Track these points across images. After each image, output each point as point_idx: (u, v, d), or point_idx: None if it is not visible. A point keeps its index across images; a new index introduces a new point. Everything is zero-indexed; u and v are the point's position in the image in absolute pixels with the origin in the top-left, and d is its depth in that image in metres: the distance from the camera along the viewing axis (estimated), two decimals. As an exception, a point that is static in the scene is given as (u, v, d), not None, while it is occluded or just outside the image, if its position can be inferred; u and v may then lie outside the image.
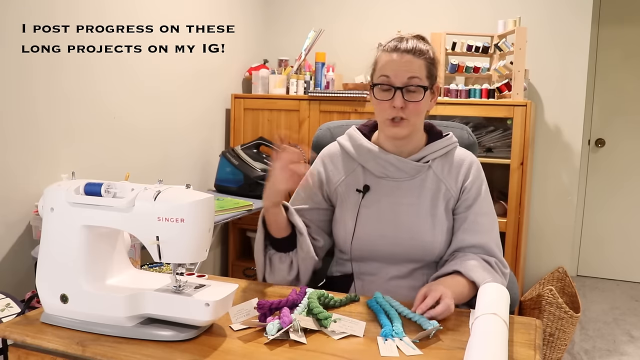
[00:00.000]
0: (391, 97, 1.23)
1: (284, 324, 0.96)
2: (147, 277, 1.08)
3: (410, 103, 1.24)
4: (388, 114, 1.25)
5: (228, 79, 3.01)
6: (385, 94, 1.25)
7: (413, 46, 1.24)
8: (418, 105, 1.25)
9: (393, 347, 0.93)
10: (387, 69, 1.24)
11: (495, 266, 1.26)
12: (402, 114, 1.24)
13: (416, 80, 1.23)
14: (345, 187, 1.36)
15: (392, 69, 1.23)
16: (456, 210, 1.33)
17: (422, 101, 1.25)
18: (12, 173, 1.79)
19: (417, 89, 1.24)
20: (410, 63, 1.23)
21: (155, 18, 2.36)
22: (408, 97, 1.23)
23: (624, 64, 3.57)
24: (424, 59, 1.25)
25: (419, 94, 1.24)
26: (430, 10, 2.98)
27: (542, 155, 2.90)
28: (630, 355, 2.57)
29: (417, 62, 1.24)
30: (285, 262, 1.30)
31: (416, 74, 1.23)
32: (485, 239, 1.28)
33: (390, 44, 1.27)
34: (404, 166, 1.31)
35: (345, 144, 1.39)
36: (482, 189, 1.33)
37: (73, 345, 0.94)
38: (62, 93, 1.95)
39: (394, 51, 1.24)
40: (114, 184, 1.00)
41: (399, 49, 1.24)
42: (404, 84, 1.23)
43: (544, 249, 2.96)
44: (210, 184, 2.85)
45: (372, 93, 1.29)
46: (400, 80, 1.23)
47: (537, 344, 0.97)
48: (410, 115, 1.25)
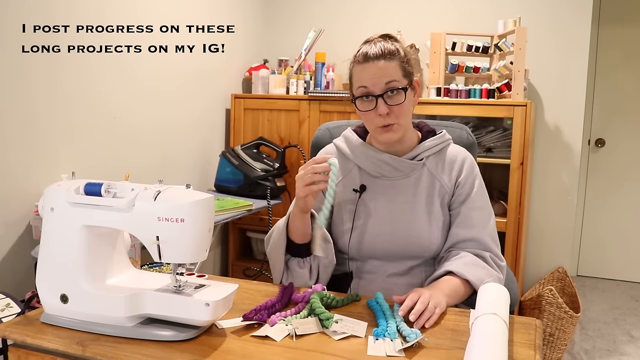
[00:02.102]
0: (374, 107, 1.25)
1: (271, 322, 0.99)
2: (147, 277, 1.08)
3: (394, 107, 1.24)
4: (376, 123, 1.26)
5: (228, 79, 3.01)
6: (368, 104, 1.26)
7: (382, 50, 1.24)
8: (402, 108, 1.26)
9: (381, 348, 0.93)
10: (363, 80, 1.25)
11: (490, 260, 1.27)
12: (389, 120, 1.25)
13: (394, 83, 1.24)
14: (342, 188, 1.37)
15: (368, 78, 1.24)
16: (451, 206, 1.34)
17: (405, 102, 1.26)
18: (12, 173, 1.79)
19: (397, 91, 1.24)
20: (384, 68, 1.24)
21: (155, 18, 2.36)
22: (390, 102, 1.24)
23: (624, 64, 3.57)
24: (396, 59, 1.25)
25: (400, 96, 1.25)
26: (430, 10, 2.98)
27: (542, 155, 2.91)
28: (630, 355, 2.57)
29: (391, 65, 1.24)
30: (305, 268, 1.30)
31: (392, 77, 1.24)
32: (479, 233, 1.29)
33: (359, 53, 1.28)
34: (399, 165, 1.32)
35: (341, 145, 1.40)
36: (475, 184, 1.34)
37: (73, 345, 0.94)
38: (62, 93, 1.95)
39: (365, 61, 1.25)
40: (114, 184, 1.00)
41: (369, 57, 1.25)
42: (383, 90, 1.24)
43: (544, 249, 2.96)
44: (210, 184, 2.85)
45: (356, 106, 1.29)
46: (379, 87, 1.24)
47: (537, 344, 0.97)
48: (397, 118, 1.26)
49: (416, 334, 0.95)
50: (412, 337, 0.94)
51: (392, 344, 0.94)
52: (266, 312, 1.04)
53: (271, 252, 1.34)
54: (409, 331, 0.96)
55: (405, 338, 0.96)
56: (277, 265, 1.32)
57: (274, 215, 2.66)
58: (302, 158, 2.75)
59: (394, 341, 0.95)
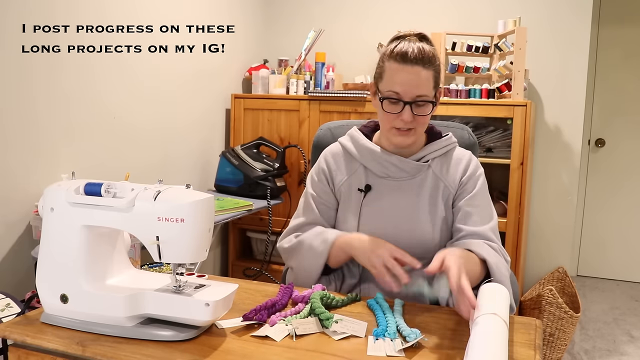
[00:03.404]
0: (399, 111, 1.24)
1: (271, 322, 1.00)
2: (147, 277, 1.08)
3: (418, 117, 1.25)
4: (396, 125, 1.27)
5: (228, 79, 3.01)
6: (394, 107, 1.25)
7: (421, 53, 1.22)
8: (425, 118, 1.27)
9: (381, 348, 0.93)
10: (396, 84, 1.23)
11: (499, 251, 1.27)
12: (410, 126, 1.26)
13: (425, 97, 1.24)
14: (347, 187, 1.37)
15: (401, 84, 1.23)
16: (454, 203, 1.35)
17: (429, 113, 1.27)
18: (12, 173, 1.79)
19: (426, 103, 1.25)
20: (419, 77, 1.22)
21: (155, 18, 2.36)
22: (417, 112, 1.25)
23: (624, 64, 3.57)
24: (433, 69, 1.25)
25: (427, 108, 1.26)
26: (430, 10, 2.98)
27: (542, 155, 2.90)
28: (630, 355, 2.57)
29: (426, 75, 1.23)
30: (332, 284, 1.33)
31: (424, 90, 1.23)
32: (482, 228, 1.29)
33: (397, 50, 1.24)
34: (405, 166, 1.32)
35: (347, 145, 1.40)
36: (478, 183, 1.34)
37: (73, 345, 0.94)
38: (62, 93, 1.95)
39: (403, 61, 1.23)
40: (114, 184, 1.00)
41: (407, 58, 1.22)
42: (412, 99, 1.23)
43: (544, 249, 2.96)
44: (210, 184, 2.85)
45: (380, 103, 1.28)
46: (410, 96, 1.23)
47: (537, 344, 0.97)
48: (417, 126, 1.27)
49: (416, 334, 0.95)
50: (412, 337, 0.94)
51: (392, 344, 0.94)
52: (266, 312, 1.04)
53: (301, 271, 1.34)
54: (409, 331, 0.96)
55: (405, 338, 0.96)
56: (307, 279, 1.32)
57: (274, 215, 2.66)
58: (302, 158, 2.75)
59: (394, 341, 0.95)
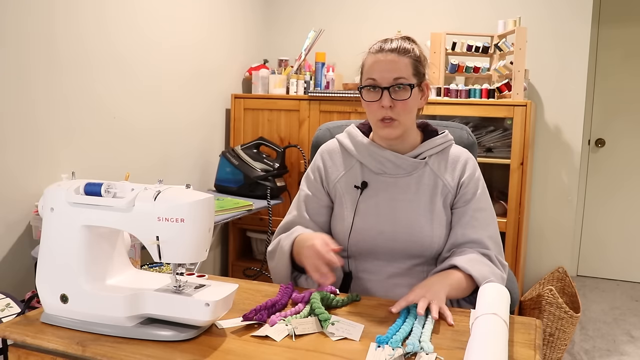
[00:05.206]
0: (379, 98, 1.26)
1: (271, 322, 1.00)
2: (147, 277, 1.08)
3: (398, 102, 1.25)
4: (378, 115, 1.28)
5: (228, 79, 3.01)
6: (373, 95, 1.27)
7: (397, 45, 1.27)
8: (406, 104, 1.26)
9: (381, 356, 0.90)
10: (372, 71, 1.27)
11: (494, 259, 1.27)
12: (391, 114, 1.26)
13: (402, 79, 1.25)
14: (344, 184, 1.37)
15: (378, 70, 1.26)
16: (454, 205, 1.34)
17: (410, 99, 1.26)
18: (12, 173, 1.79)
19: (404, 87, 1.26)
20: (395, 62, 1.26)
21: (155, 18, 2.36)
22: (395, 96, 1.25)
23: (624, 64, 3.57)
24: (409, 57, 1.27)
25: (405, 92, 1.26)
26: (430, 10, 2.98)
27: (542, 155, 2.90)
28: (630, 355, 2.57)
29: (402, 61, 1.26)
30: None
31: (402, 73, 1.25)
32: (483, 235, 1.30)
33: (375, 45, 1.30)
34: (401, 162, 1.33)
35: (344, 141, 1.41)
36: (479, 185, 1.35)
37: (73, 345, 0.94)
38: (61, 93, 1.95)
39: (379, 52, 1.28)
40: (114, 184, 1.00)
41: (383, 49, 1.27)
42: (390, 84, 1.25)
43: (544, 249, 2.96)
44: (210, 184, 2.85)
45: (361, 96, 1.31)
46: (387, 80, 1.25)
47: (537, 344, 0.97)
48: (399, 114, 1.27)
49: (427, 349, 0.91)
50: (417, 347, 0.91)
51: (393, 352, 0.90)
52: (266, 312, 1.04)
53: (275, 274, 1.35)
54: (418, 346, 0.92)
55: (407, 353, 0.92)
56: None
57: (274, 215, 2.66)
58: (302, 158, 2.75)
59: (395, 350, 0.91)
